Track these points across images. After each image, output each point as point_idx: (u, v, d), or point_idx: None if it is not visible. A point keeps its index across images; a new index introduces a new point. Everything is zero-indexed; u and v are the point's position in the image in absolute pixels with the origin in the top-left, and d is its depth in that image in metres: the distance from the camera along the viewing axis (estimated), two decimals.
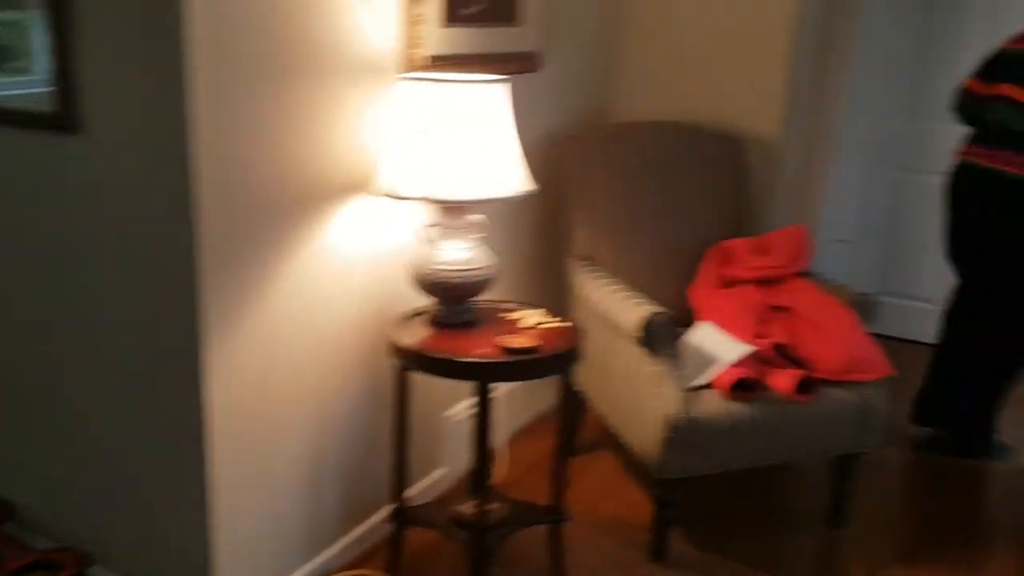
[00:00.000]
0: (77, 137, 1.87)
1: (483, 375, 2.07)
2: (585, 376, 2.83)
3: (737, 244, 2.85)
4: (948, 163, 3.16)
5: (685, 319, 2.79)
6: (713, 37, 3.12)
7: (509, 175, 2.06)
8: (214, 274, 1.82)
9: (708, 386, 2.38)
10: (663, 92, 3.24)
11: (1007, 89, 2.82)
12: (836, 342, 2.47)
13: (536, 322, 2.21)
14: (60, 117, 1.85)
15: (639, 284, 2.82)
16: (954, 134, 3.87)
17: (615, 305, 2.47)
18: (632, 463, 2.94)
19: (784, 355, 2.50)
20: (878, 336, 2.52)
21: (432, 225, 2.14)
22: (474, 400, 2.21)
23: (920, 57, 4.06)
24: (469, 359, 2.00)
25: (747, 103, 3.11)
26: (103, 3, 1.75)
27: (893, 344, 4.18)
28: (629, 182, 2.86)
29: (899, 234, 4.26)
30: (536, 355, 2.01)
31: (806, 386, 2.39)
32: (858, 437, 2.50)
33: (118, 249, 1.91)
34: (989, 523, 2.77)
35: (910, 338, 4.27)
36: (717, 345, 2.52)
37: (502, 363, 1.99)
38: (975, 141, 3.01)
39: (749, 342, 2.49)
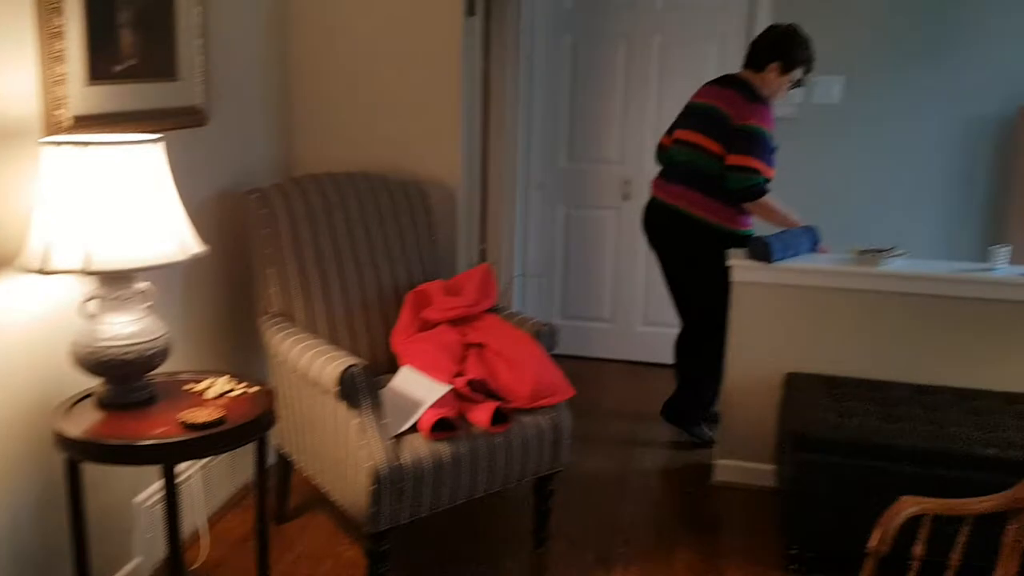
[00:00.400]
0: None
1: (165, 457, 1.91)
2: (289, 437, 2.73)
3: (432, 287, 2.92)
4: (609, 199, 3.50)
5: (390, 366, 2.81)
6: (389, 88, 3.19)
7: (173, 238, 1.94)
8: None
9: (413, 431, 2.41)
10: (347, 142, 3.26)
11: (684, 134, 3.41)
12: (524, 372, 2.61)
13: (222, 391, 2.09)
14: None
15: (338, 337, 2.79)
16: (603, 173, 4.30)
17: (311, 361, 2.42)
18: (345, 520, 2.88)
19: (482, 390, 2.60)
20: (564, 357, 2.72)
21: (91, 298, 1.95)
22: (161, 483, 2.04)
23: (573, 107, 4.46)
24: (147, 442, 1.84)
25: (427, 151, 3.22)
26: None
27: (578, 362, 4.54)
28: (318, 234, 2.82)
29: (574, 264, 4.63)
30: (222, 428, 1.90)
31: (500, 417, 2.50)
32: (553, 457, 2.65)
33: None
34: (672, 519, 3.07)
35: (592, 356, 4.65)
36: (417, 388, 2.55)
37: (184, 441, 1.86)
38: (658, 176, 3.54)
39: (447, 381, 2.55)
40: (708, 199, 3.34)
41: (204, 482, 2.78)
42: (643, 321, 4.60)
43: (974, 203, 4.19)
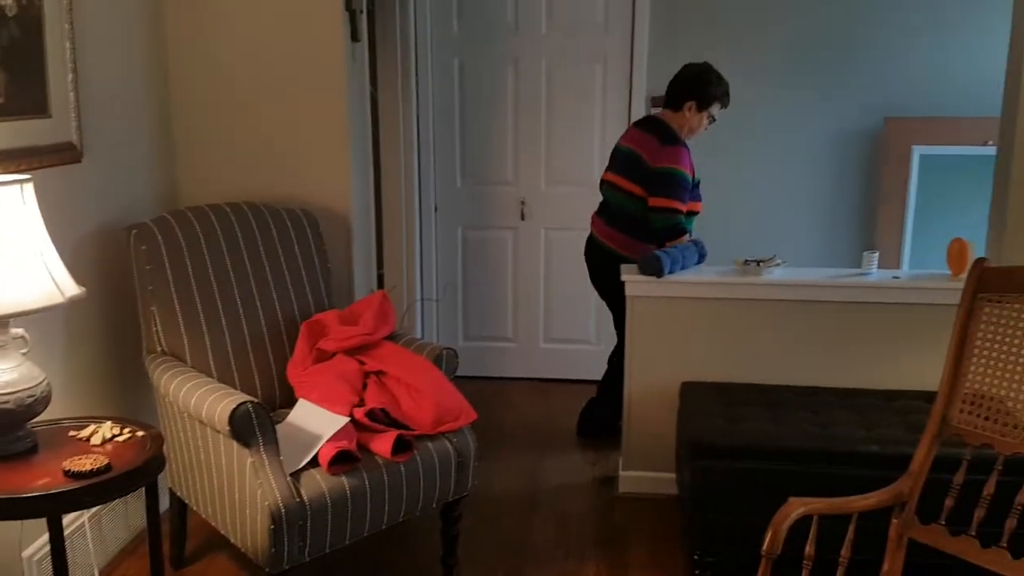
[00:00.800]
0: None
1: (50, 508, 1.83)
2: (182, 479, 2.65)
3: (328, 317, 2.88)
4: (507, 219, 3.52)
5: (288, 400, 2.75)
6: (275, 116, 3.15)
7: (47, 281, 1.87)
8: None
9: (314, 465, 2.36)
10: (233, 172, 3.20)
11: (610, 176, 3.62)
12: (425, 398, 2.60)
13: (108, 436, 2.01)
14: None
15: (230, 373, 2.72)
16: (499, 194, 4.34)
17: (202, 400, 2.35)
18: (246, 562, 2.80)
19: (384, 418, 2.58)
20: (468, 378, 2.72)
21: None
22: (48, 536, 1.94)
23: (466, 129, 4.50)
24: (30, 493, 1.76)
25: (316, 178, 3.19)
26: None
27: (483, 383, 4.56)
28: (203, 268, 2.75)
29: (475, 285, 4.65)
30: (109, 475, 1.83)
31: (402, 446, 2.48)
32: (458, 482, 2.65)
33: None
34: (581, 534, 3.11)
35: (496, 375, 4.68)
36: (315, 422, 2.51)
37: (69, 491, 1.78)
38: (596, 212, 3.75)
39: (347, 412, 2.52)
40: (634, 240, 3.48)
41: (95, 531, 2.66)
42: (545, 338, 4.66)
43: (846, 211, 4.42)
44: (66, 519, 2.23)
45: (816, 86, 4.29)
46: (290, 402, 2.72)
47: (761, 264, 3.20)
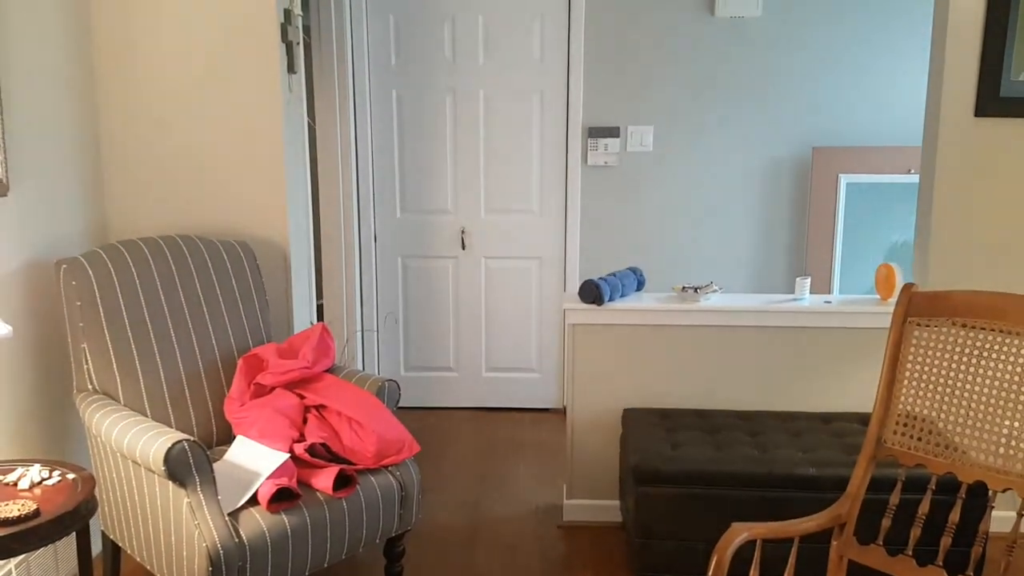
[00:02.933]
0: None
1: None
2: (116, 522, 2.55)
3: (266, 350, 2.83)
4: (446, 248, 3.50)
5: (226, 437, 2.68)
6: (209, 147, 3.10)
7: None
8: None
9: (253, 504, 2.30)
10: (167, 204, 3.13)
11: None
12: (367, 432, 2.57)
13: (35, 481, 1.93)
14: None
15: (165, 411, 2.64)
16: (439, 223, 4.33)
17: (135, 440, 2.27)
18: None
19: (325, 453, 2.53)
20: (410, 409, 2.69)
21: None
22: None
23: (404, 159, 4.49)
24: None
25: (252, 209, 3.14)
26: None
27: (425, 413, 4.53)
28: (135, 303, 2.68)
29: (416, 315, 4.63)
30: (37, 521, 1.75)
31: (344, 481, 2.44)
32: (402, 516, 2.61)
33: None
34: (526, 564, 3.09)
35: (438, 405, 4.65)
36: (253, 459, 2.46)
37: None
38: None
39: (287, 447, 2.47)
40: None
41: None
42: (487, 367, 4.65)
43: (779, 238, 4.54)
44: None
45: (746, 116, 4.41)
46: (228, 439, 2.66)
47: (698, 291, 3.26)
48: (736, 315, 3.21)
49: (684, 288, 3.29)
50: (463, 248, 4.54)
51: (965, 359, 1.98)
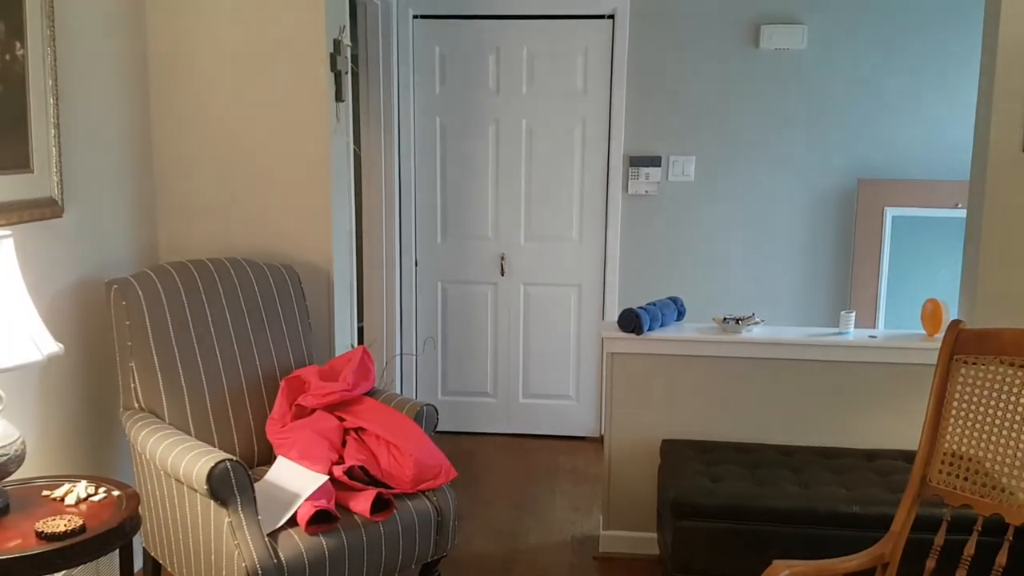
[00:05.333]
0: None
1: (19, 572, 1.78)
2: (158, 539, 2.59)
3: (307, 372, 2.86)
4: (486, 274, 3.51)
5: (267, 458, 2.71)
6: (258, 172, 3.17)
7: (23, 338, 1.85)
8: None
9: (292, 525, 2.33)
10: (215, 227, 3.20)
11: None
12: (405, 456, 2.58)
13: (82, 496, 1.98)
14: None
15: (209, 430, 2.69)
16: (479, 249, 4.35)
17: (179, 459, 2.31)
18: None
19: (364, 476, 2.55)
20: (447, 434, 2.70)
21: None
22: None
23: (446, 186, 4.54)
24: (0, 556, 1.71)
25: (298, 233, 3.19)
26: None
27: (462, 438, 4.53)
28: (183, 324, 2.73)
29: (455, 340, 4.65)
30: (82, 537, 1.79)
31: (381, 505, 2.45)
32: (438, 542, 2.61)
33: None
34: None
35: (475, 431, 4.65)
36: (293, 480, 2.48)
37: (39, 554, 1.74)
38: None
39: (327, 469, 2.49)
40: None
41: None
42: (524, 394, 4.65)
43: (823, 271, 4.49)
44: None
45: (790, 148, 4.39)
46: (269, 459, 2.69)
47: (740, 322, 3.23)
48: (779, 348, 3.18)
49: (725, 319, 3.27)
50: (502, 274, 4.56)
51: (1013, 398, 1.94)
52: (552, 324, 4.59)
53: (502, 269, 4.56)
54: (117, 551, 1.98)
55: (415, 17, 4.40)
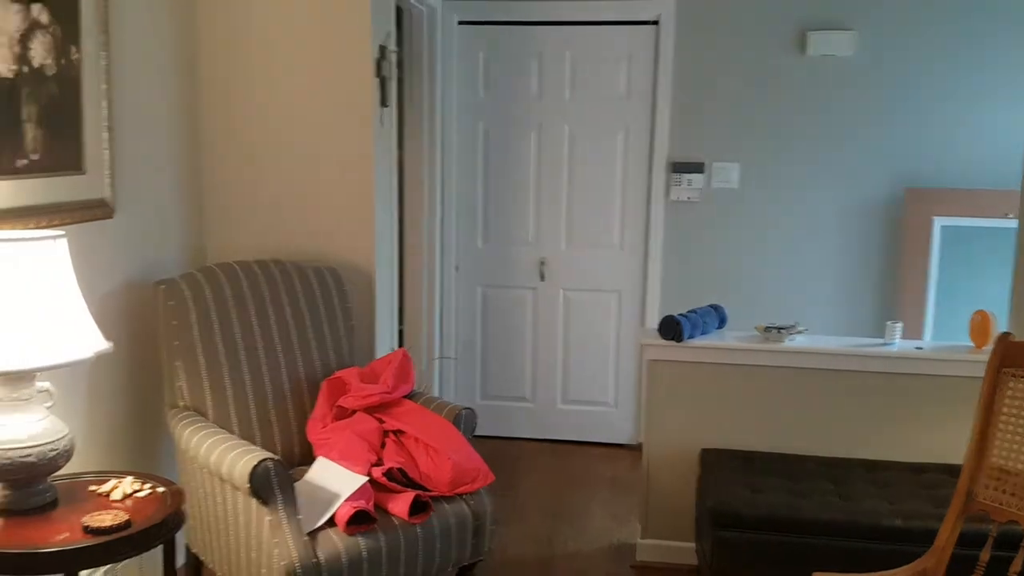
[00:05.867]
0: None
1: (67, 564, 1.82)
2: (199, 536, 2.63)
3: (348, 374, 2.89)
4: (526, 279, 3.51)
5: (307, 458, 2.75)
6: (303, 175, 3.21)
7: (75, 336, 1.89)
8: None
9: (331, 525, 2.35)
10: (260, 230, 3.25)
11: None
12: (444, 459, 2.59)
13: (128, 492, 2.02)
14: None
15: (251, 430, 2.73)
16: (519, 254, 4.35)
17: (222, 457, 2.35)
18: None
19: (403, 478, 2.57)
20: (484, 438, 2.71)
21: None
22: None
23: (488, 190, 4.56)
24: (45, 549, 1.75)
25: (341, 236, 3.23)
26: None
27: (499, 442, 4.54)
28: (228, 324, 2.78)
29: (494, 344, 4.66)
30: (128, 531, 1.83)
31: (419, 507, 2.47)
32: (475, 546, 2.62)
33: None
34: None
35: (513, 435, 4.65)
36: (333, 480, 2.51)
37: (86, 548, 1.78)
38: None
39: (366, 471, 2.51)
40: None
41: None
42: (562, 399, 4.64)
43: (869, 280, 4.42)
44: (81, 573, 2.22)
45: (835, 155, 4.33)
46: (309, 459, 2.72)
47: (783, 331, 3.19)
48: (822, 358, 3.13)
49: (768, 328, 3.23)
50: (542, 279, 4.57)
51: None
52: (591, 330, 4.58)
53: (542, 274, 4.56)
54: (161, 547, 2.02)
55: (459, 23, 4.43)
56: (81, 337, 1.91)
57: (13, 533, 1.82)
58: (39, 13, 2.24)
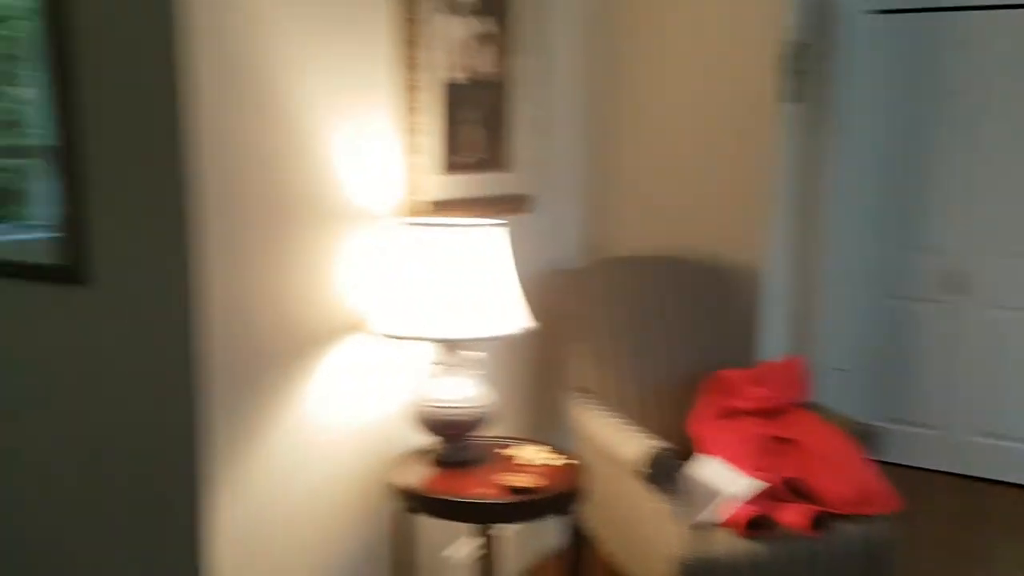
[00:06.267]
0: (85, 288, 1.90)
1: (483, 516, 2.03)
2: (592, 513, 2.77)
3: (734, 374, 2.85)
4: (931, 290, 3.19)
5: (685, 451, 2.76)
6: (702, 176, 3.22)
7: (509, 313, 2.10)
8: (216, 423, 1.82)
9: (714, 523, 2.33)
10: (653, 228, 3.32)
11: None
12: (844, 474, 2.43)
13: (538, 459, 2.19)
14: (68, 268, 1.88)
15: (637, 415, 2.81)
16: (922, 263, 3.92)
17: (617, 439, 2.45)
18: None
19: (794, 489, 2.46)
20: (878, 463, 2.49)
21: (433, 363, 2.15)
22: (474, 541, 2.16)
23: (900, 191, 4.19)
24: (469, 499, 1.96)
25: (736, 236, 3.17)
26: (111, 154, 1.82)
27: (893, 470, 4.14)
28: (622, 314, 2.89)
29: (894, 360, 4.27)
30: (537, 495, 1.98)
31: (820, 522, 2.34)
32: (866, 572, 2.42)
33: (119, 400, 1.90)
34: None
35: (907, 463, 4.22)
36: (725, 480, 2.48)
37: (503, 504, 1.96)
38: None
39: (756, 476, 2.45)
40: None
41: (513, 545, 2.87)
42: (978, 431, 4.10)
43: None
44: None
45: None
46: (686, 454, 2.72)
47: None
48: None
49: None
50: (957, 292, 4.08)
51: None
52: (1022, 354, 3.99)
53: (957, 287, 4.08)
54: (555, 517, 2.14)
55: (872, 12, 4.12)
56: (512, 314, 2.12)
57: (442, 482, 2.07)
58: (491, 26, 2.52)
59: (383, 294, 2.13)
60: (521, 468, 2.14)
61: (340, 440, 2.17)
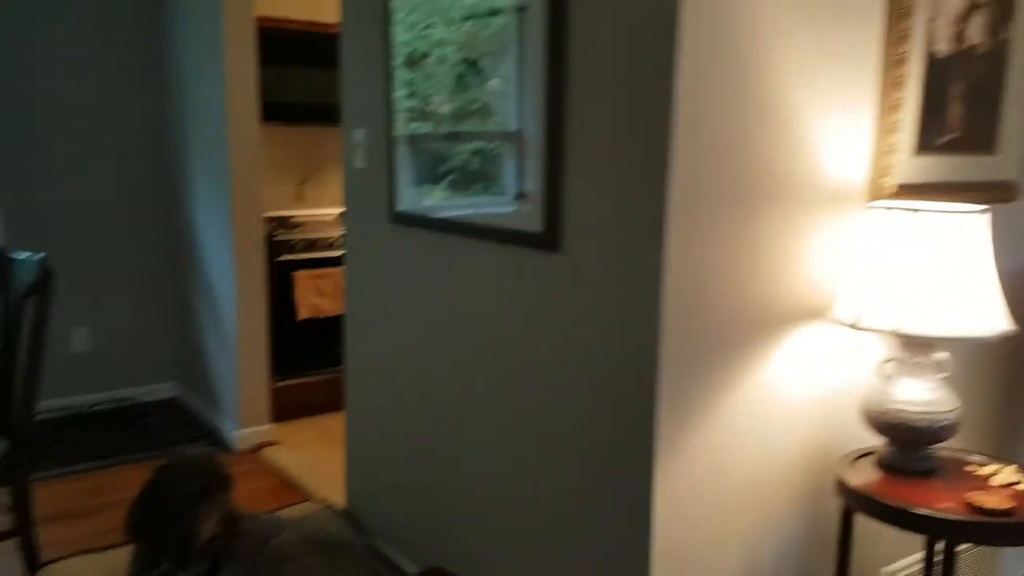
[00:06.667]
0: (558, 255, 2.09)
1: (945, 532, 1.84)
2: None
3: None
4: None
5: None
6: None
7: (985, 312, 1.87)
8: (669, 390, 1.89)
9: None
10: None
11: None
12: None
13: (1008, 481, 1.93)
14: (547, 236, 2.09)
15: None
16: None
17: None
18: None
19: None
20: None
21: (890, 360, 2.00)
22: (916, 562, 1.98)
23: None
24: (929, 512, 1.80)
25: None
26: (587, 136, 1.97)
27: None
28: None
29: None
30: (1009, 519, 1.74)
31: None
32: None
33: (578, 362, 2.07)
34: None
35: None
36: None
37: (970, 522, 1.76)
38: None
39: None
40: None
41: (965, 573, 2.60)
42: None
43: None
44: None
45: None
46: None
47: None
48: None
49: None
50: None
51: None
52: None
53: None
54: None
55: None
56: (987, 314, 1.88)
57: (894, 489, 1.92)
58: None
59: (848, 282, 2.02)
60: (989, 488, 1.90)
61: (786, 427, 2.13)
